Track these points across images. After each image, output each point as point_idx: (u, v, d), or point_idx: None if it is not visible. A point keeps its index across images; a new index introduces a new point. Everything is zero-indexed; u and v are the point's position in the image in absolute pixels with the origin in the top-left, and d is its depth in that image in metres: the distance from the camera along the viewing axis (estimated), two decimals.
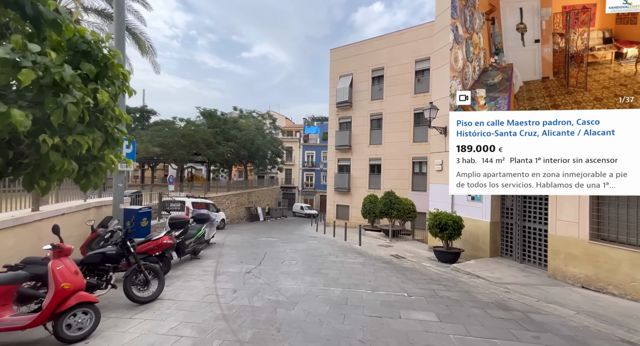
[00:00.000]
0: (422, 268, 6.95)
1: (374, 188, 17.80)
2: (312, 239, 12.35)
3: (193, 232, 7.47)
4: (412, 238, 12.64)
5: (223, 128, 23.89)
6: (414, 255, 8.58)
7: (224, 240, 11.35)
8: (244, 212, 24.46)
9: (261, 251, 8.84)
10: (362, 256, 8.41)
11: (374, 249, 9.71)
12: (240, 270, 6.39)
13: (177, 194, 14.44)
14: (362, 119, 18.59)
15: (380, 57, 17.85)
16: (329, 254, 8.61)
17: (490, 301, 4.60)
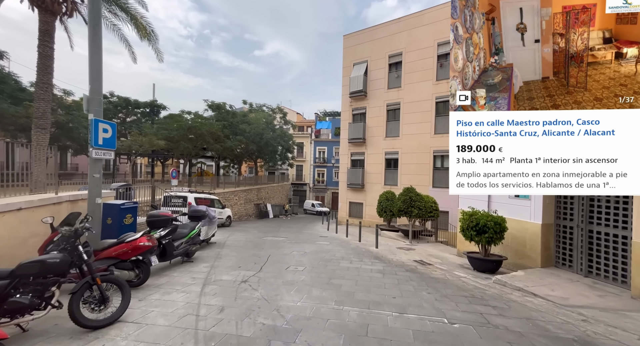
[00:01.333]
0: (456, 280, 5.67)
1: (390, 184, 16.45)
2: (323, 239, 11.22)
3: (184, 231, 6.47)
4: (434, 240, 11.28)
5: (231, 122, 23.03)
6: (441, 262, 7.29)
7: (226, 239, 10.38)
8: (252, 209, 23.62)
9: (264, 253, 7.78)
10: (381, 261, 7.19)
11: (394, 253, 8.46)
12: (236, 278, 5.32)
13: (180, 189, 13.61)
14: (377, 110, 17.22)
15: (398, 41, 16.39)
16: (341, 258, 7.44)
17: (570, 338, 3.30)
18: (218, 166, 27.88)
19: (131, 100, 24.63)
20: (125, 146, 18.53)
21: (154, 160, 30.25)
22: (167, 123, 19.62)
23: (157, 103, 27.50)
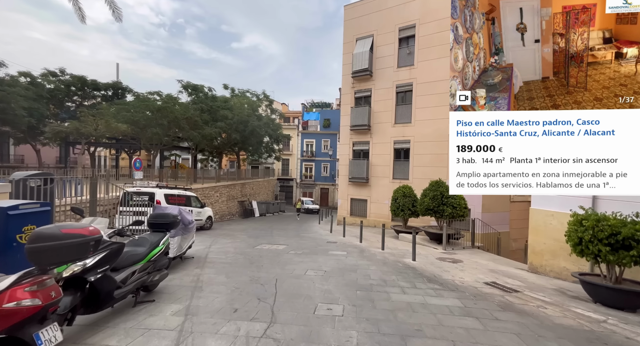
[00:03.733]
0: (603, 332, 3.47)
1: (400, 178, 14.31)
2: (334, 247, 8.82)
3: (138, 252, 3.80)
4: (471, 246, 9.21)
5: (211, 106, 19.86)
6: (525, 285, 5.13)
7: (207, 250, 7.70)
8: (236, 207, 20.75)
9: (267, 276, 5.26)
10: (443, 287, 4.91)
11: (441, 267, 6.24)
12: (234, 343, 2.80)
13: (146, 184, 10.61)
14: (385, 92, 14.93)
15: (409, 11, 14.13)
16: (383, 282, 5.09)
17: None
18: (195, 159, 24.52)
19: (87, 79, 20.61)
20: (72, 129, 14.84)
21: (119, 151, 26.25)
22: (132, 105, 16.21)
23: (121, 85, 23.51)
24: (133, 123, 14.67)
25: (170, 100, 16.40)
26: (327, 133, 36.11)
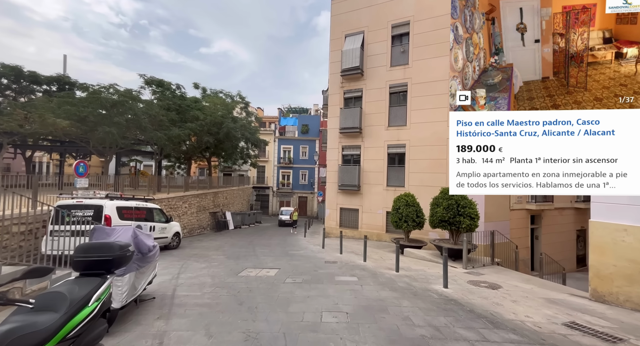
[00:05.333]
0: None
1: (395, 185, 13.13)
2: (334, 267, 7.22)
3: (41, 328, 1.93)
4: (490, 262, 8.08)
5: (180, 105, 17.47)
6: (620, 328, 3.95)
7: (175, 282, 5.72)
8: (207, 219, 18.33)
9: (269, 328, 3.54)
10: (521, 337, 3.55)
11: (487, 298, 4.92)
12: None
13: (92, 193, 8.25)
14: (377, 92, 13.84)
15: (403, 7, 13.29)
16: (436, 331, 3.61)
17: None
18: (160, 165, 21.61)
19: (24, 70, 17.20)
20: None
21: (63, 155, 22.44)
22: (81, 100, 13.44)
23: (69, 79, 20.01)
24: (79, 121, 11.97)
25: (129, 95, 13.89)
26: (306, 139, 34.63)
